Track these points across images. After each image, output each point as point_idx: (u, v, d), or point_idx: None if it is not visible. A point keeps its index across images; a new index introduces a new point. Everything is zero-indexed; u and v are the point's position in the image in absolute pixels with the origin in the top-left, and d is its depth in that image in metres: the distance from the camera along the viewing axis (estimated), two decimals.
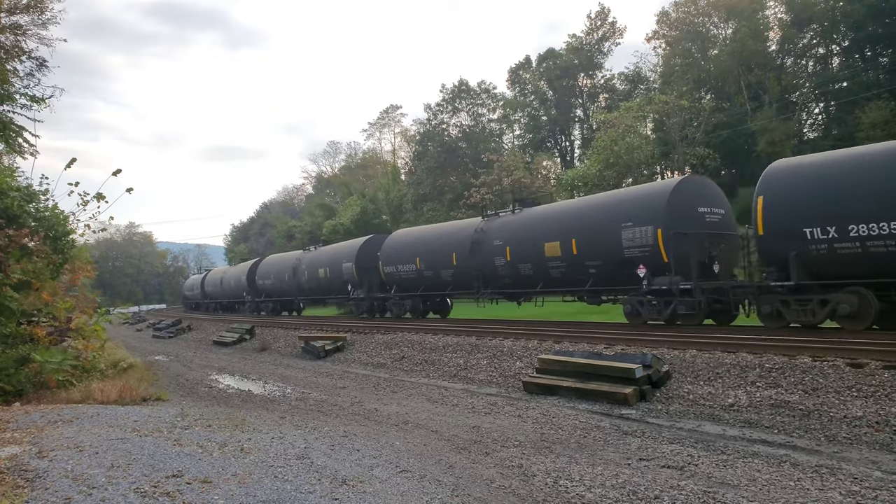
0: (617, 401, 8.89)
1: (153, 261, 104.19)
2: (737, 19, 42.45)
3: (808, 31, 41.39)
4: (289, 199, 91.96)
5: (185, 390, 12.70)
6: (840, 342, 9.79)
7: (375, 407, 9.66)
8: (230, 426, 7.00)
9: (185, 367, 17.58)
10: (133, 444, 5.65)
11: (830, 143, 33.09)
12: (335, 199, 66.59)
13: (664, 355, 10.15)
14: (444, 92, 53.31)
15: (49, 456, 5.05)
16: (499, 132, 57.90)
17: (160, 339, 31.03)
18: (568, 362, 10.20)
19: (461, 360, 13.40)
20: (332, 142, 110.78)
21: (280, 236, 64.98)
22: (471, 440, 7.19)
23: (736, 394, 8.41)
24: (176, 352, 22.76)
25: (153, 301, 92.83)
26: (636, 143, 37.48)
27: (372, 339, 17.52)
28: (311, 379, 13.60)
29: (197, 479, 4.55)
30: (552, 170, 51.46)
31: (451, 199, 47.30)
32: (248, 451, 5.62)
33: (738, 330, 13.16)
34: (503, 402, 9.70)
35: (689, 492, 5.07)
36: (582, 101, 57.03)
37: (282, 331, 23.13)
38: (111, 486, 4.30)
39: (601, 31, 54.88)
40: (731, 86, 43.15)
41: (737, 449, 6.48)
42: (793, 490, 5.12)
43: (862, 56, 39.76)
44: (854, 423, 6.96)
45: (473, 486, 5.26)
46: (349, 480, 4.88)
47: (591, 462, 6.13)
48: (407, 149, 67.04)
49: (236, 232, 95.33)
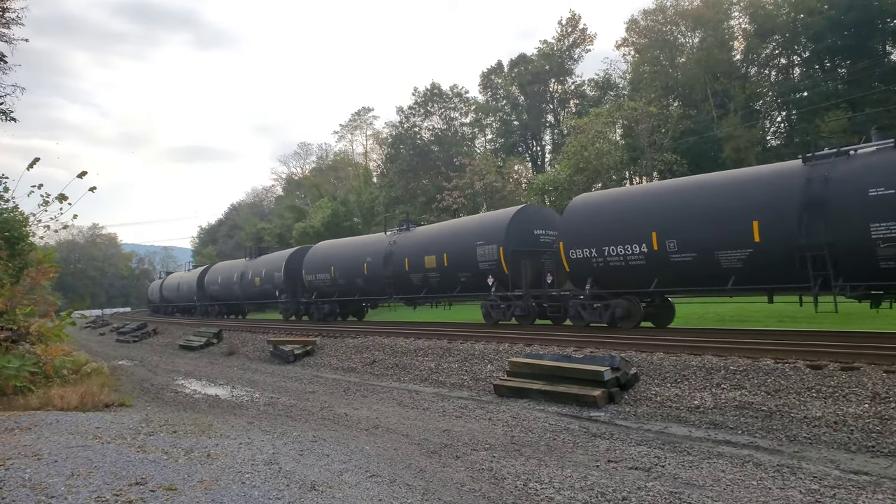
0: (586, 403, 8.99)
1: (118, 263, 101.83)
2: (703, 29, 43.47)
3: (770, 41, 42.59)
4: (258, 200, 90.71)
5: (150, 396, 12.42)
6: (801, 345, 10.08)
7: (345, 411, 9.59)
8: (196, 432, 6.87)
9: (150, 371, 17.19)
10: (94, 451, 5.51)
11: (792, 151, 34.06)
12: (305, 202, 65.95)
13: (632, 358, 10.30)
14: (417, 95, 53.32)
15: (6, 464, 4.89)
16: (471, 136, 58.12)
17: (124, 343, 30.28)
18: (538, 365, 10.27)
19: (432, 363, 13.39)
20: (303, 143, 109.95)
21: (249, 238, 64.08)
22: (441, 444, 7.19)
23: (702, 395, 8.58)
24: (140, 356, 22.25)
25: (117, 304, 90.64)
26: (605, 148, 38.04)
27: (342, 343, 17.39)
28: (279, 383, 13.44)
29: (161, 487, 4.46)
30: (523, 174, 51.86)
31: (424, 202, 47.28)
32: (214, 457, 5.52)
33: (705, 333, 13.45)
34: (474, 405, 9.72)
35: (656, 493, 5.15)
36: (553, 107, 57.64)
37: (250, 335, 22.80)
38: (71, 495, 4.18)
39: (572, 38, 55.56)
40: (698, 93, 44.13)
41: (702, 450, 6.61)
42: (755, 489, 5.25)
43: (822, 67, 41.04)
44: (814, 424, 7.16)
45: (444, 489, 5.26)
46: (318, 486, 4.83)
47: (561, 464, 6.18)
48: (379, 151, 66.85)
49: (204, 234, 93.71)
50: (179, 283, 46.58)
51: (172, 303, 48.18)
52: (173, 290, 47.40)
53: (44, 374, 9.69)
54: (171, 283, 48.80)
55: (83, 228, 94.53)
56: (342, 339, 17.96)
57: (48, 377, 9.74)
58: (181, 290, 45.25)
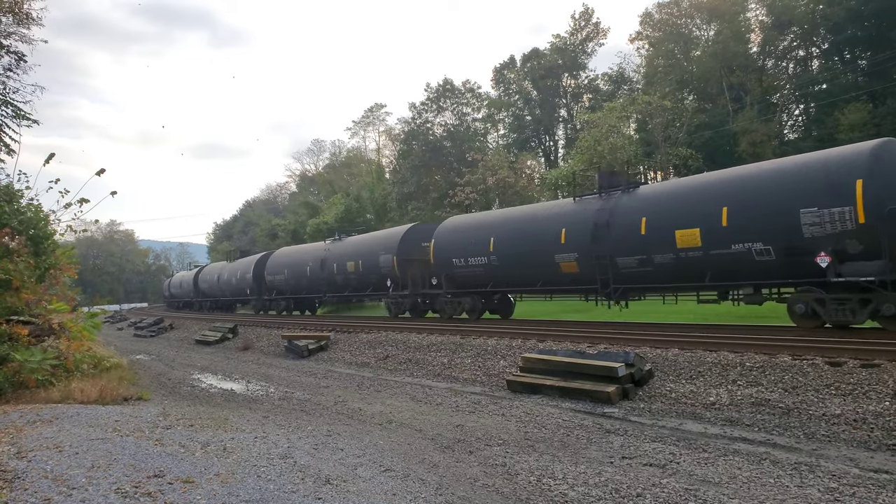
0: (600, 399, 8.96)
1: (135, 259, 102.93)
2: (719, 21, 42.89)
3: (788, 33, 41.93)
4: (272, 197, 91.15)
5: (167, 390, 12.57)
6: (820, 341, 9.95)
7: (359, 406, 9.63)
8: (213, 426, 6.95)
9: (167, 366, 17.39)
10: (114, 444, 5.58)
11: (810, 145, 33.57)
12: (319, 198, 66.17)
13: (647, 354, 10.24)
14: (429, 91, 53.16)
15: (28, 456, 4.98)
16: (483, 131, 57.90)
17: (142, 338, 30.65)
18: (551, 361, 10.25)
19: (445, 359, 13.41)
20: (317, 140, 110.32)
21: (263, 235, 64.48)
22: (455, 439, 7.20)
23: (717, 392, 8.52)
24: (158, 351, 22.51)
25: (134, 300, 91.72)
26: (619, 143, 37.72)
27: (356, 339, 17.46)
28: (294, 378, 13.53)
29: (179, 479, 4.51)
30: (536, 169, 51.64)
31: (436, 197, 47.23)
32: (230, 451, 5.57)
33: (721, 329, 13.33)
34: (487, 400, 9.72)
35: (671, 490, 5.13)
36: (566, 101, 57.25)
37: (265, 330, 22.98)
38: (91, 487, 4.25)
39: (585, 32, 55.11)
40: (714, 87, 43.60)
41: (718, 447, 6.56)
42: (772, 487, 5.20)
43: (841, 58, 40.36)
44: (832, 421, 7.08)
45: (457, 484, 5.27)
46: (333, 480, 4.86)
47: (575, 460, 6.17)
48: (391, 147, 66.85)
49: (219, 230, 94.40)
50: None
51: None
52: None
53: (65, 367, 9.83)
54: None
55: (101, 225, 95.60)
56: (355, 334, 18.04)
57: (69, 371, 9.88)
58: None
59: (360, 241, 26.90)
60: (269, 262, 33.60)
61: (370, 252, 24.33)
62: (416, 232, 23.15)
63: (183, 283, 51.31)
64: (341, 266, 26.06)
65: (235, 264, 39.90)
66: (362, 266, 24.49)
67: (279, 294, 32.69)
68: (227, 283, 39.59)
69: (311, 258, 28.90)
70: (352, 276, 25.40)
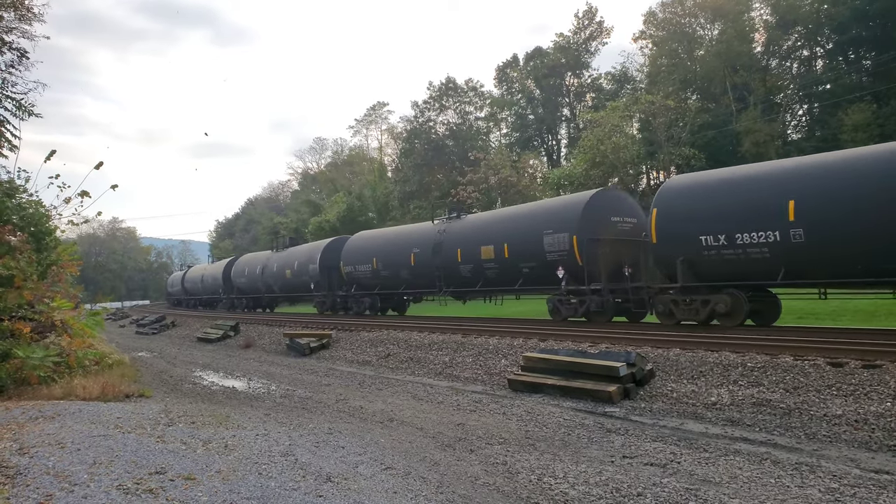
0: (601, 399, 8.96)
1: (136, 256, 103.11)
2: (723, 20, 42.82)
3: (792, 33, 41.86)
4: (274, 195, 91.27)
5: (169, 387, 12.59)
6: (821, 342, 9.94)
7: (360, 404, 9.64)
8: (214, 423, 6.96)
9: (169, 363, 17.43)
10: (115, 440, 5.60)
11: (814, 145, 33.50)
12: (321, 196, 66.24)
13: (648, 354, 10.24)
14: (432, 89, 53.32)
15: (30, 452, 4.99)
16: (486, 130, 57.96)
17: (143, 335, 30.72)
18: (552, 360, 10.25)
19: (447, 357, 13.42)
20: (319, 138, 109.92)
21: (265, 233, 64.60)
22: (456, 437, 7.21)
23: (718, 392, 8.51)
24: (159, 348, 22.56)
25: (136, 297, 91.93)
26: (622, 142, 37.72)
27: (357, 337, 17.48)
28: (295, 376, 13.55)
29: (180, 476, 4.52)
30: (538, 168, 51.63)
31: (438, 196, 47.29)
32: (232, 448, 5.59)
33: (722, 329, 13.31)
34: (488, 399, 9.73)
35: (672, 489, 5.13)
36: (569, 101, 57.22)
37: (266, 328, 23.01)
38: (93, 483, 4.26)
39: (588, 31, 55.08)
40: (717, 86, 43.53)
41: (719, 447, 6.56)
42: (773, 487, 5.20)
43: (845, 58, 40.28)
44: (834, 422, 7.08)
45: (458, 483, 5.28)
46: (334, 477, 4.87)
47: (575, 459, 6.17)
48: (394, 146, 66.91)
49: (221, 228, 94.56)
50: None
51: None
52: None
53: (67, 364, 9.86)
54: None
55: (103, 222, 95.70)
56: (357, 332, 18.06)
57: (71, 368, 9.91)
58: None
59: (503, 216, 20.24)
60: (347, 250, 26.54)
61: (525, 231, 17.87)
62: (602, 200, 16.83)
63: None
64: (469, 252, 19.41)
65: (288, 253, 32.79)
66: (510, 250, 17.96)
67: (361, 289, 25.70)
68: (275, 276, 32.81)
69: (416, 243, 22.23)
70: (489, 265, 18.78)
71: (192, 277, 49.71)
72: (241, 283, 37.44)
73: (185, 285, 50.72)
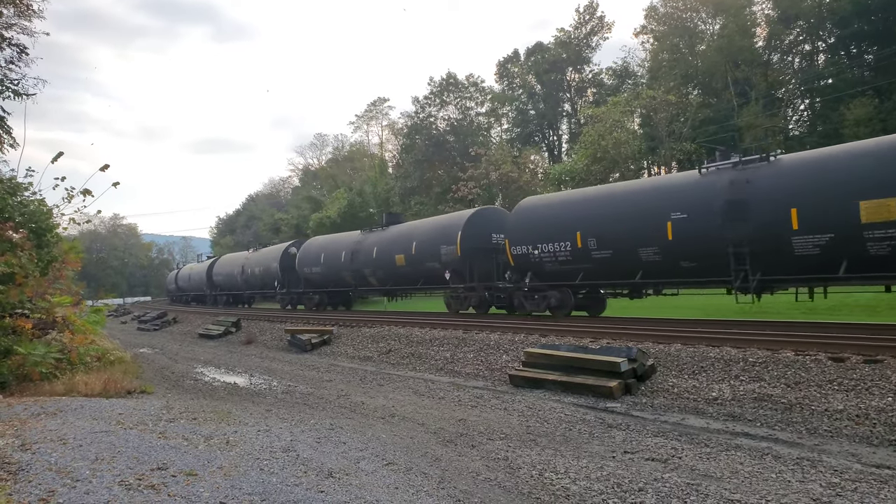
0: (602, 394, 8.96)
1: (138, 253, 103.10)
2: (724, 15, 42.64)
3: (794, 27, 41.67)
4: (275, 191, 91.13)
5: (171, 383, 12.61)
6: (822, 337, 9.94)
7: (362, 400, 9.66)
8: (216, 419, 6.97)
9: (171, 359, 17.45)
10: (117, 436, 5.61)
11: (815, 140, 33.42)
12: (322, 192, 66.16)
13: (649, 349, 10.24)
14: (432, 85, 53.09)
15: (32, 448, 5.00)
16: (487, 126, 57.77)
17: (145, 331, 30.77)
18: (554, 356, 10.25)
19: (448, 353, 13.43)
20: (319, 134, 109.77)
21: (266, 229, 64.56)
22: (457, 433, 7.22)
23: (720, 387, 8.51)
24: (161, 344, 22.59)
25: (138, 293, 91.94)
26: (623, 137, 37.60)
27: (358, 333, 17.50)
28: (297, 372, 13.57)
29: (182, 472, 4.53)
30: (540, 164, 51.53)
31: (439, 192, 47.17)
32: (233, 444, 5.60)
33: (723, 324, 13.32)
34: (489, 395, 9.74)
35: (673, 484, 5.13)
36: (570, 96, 57.04)
37: (268, 324, 23.03)
38: (95, 479, 4.27)
39: (589, 26, 54.84)
40: (718, 81, 43.37)
41: (720, 442, 6.56)
42: (774, 482, 5.20)
43: (847, 53, 40.10)
44: (835, 417, 7.08)
45: (459, 478, 5.29)
46: (335, 473, 4.88)
47: (577, 455, 6.18)
48: (394, 142, 66.75)
49: (222, 224, 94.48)
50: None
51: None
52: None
53: (69, 361, 9.88)
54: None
55: (105, 219, 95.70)
56: (358, 328, 18.07)
57: (73, 364, 9.93)
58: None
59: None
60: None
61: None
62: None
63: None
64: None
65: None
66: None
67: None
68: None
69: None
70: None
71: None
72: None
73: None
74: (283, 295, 31.77)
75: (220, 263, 42.79)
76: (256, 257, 35.74)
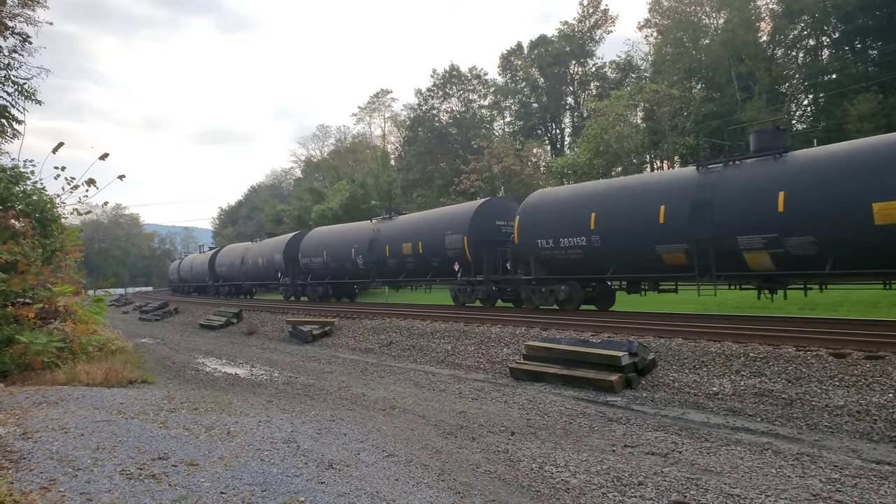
0: (603, 388, 8.97)
1: (140, 243, 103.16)
2: (729, 9, 42.39)
3: (798, 22, 41.42)
4: (277, 182, 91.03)
5: (172, 373, 12.64)
6: (823, 332, 9.93)
7: (363, 391, 9.68)
8: (217, 409, 6.99)
9: (172, 349, 17.49)
10: (119, 426, 5.62)
11: (819, 135, 33.26)
12: (324, 184, 66.08)
13: (650, 343, 10.24)
14: (435, 77, 52.92)
15: (34, 437, 5.02)
16: (489, 119, 57.62)
17: (147, 321, 30.81)
18: (555, 349, 10.26)
19: (449, 345, 13.44)
20: (322, 125, 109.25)
21: (268, 220, 64.53)
22: (457, 425, 7.23)
23: (720, 382, 8.52)
24: (162, 335, 22.64)
25: (139, 283, 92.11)
26: (626, 131, 37.50)
27: (360, 325, 17.51)
28: (298, 363, 13.60)
29: (183, 462, 4.54)
30: (542, 157, 51.42)
31: (441, 185, 47.11)
32: (234, 435, 5.61)
33: (724, 319, 13.32)
34: (490, 387, 9.75)
35: (673, 478, 5.14)
36: (573, 89, 56.82)
37: (269, 315, 23.06)
38: (96, 468, 4.28)
39: (593, 19, 54.58)
40: (722, 76, 43.17)
41: (720, 436, 6.57)
42: (774, 477, 5.21)
43: (852, 48, 39.88)
44: (835, 412, 7.08)
45: (459, 470, 5.30)
46: (336, 464, 4.89)
47: (577, 448, 6.19)
48: (397, 134, 66.61)
49: (224, 215, 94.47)
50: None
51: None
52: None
53: (70, 350, 9.90)
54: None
55: (107, 209, 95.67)
56: (360, 320, 18.09)
57: (74, 353, 9.95)
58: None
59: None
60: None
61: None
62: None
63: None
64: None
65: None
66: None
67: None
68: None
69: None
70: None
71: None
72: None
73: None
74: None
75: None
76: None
